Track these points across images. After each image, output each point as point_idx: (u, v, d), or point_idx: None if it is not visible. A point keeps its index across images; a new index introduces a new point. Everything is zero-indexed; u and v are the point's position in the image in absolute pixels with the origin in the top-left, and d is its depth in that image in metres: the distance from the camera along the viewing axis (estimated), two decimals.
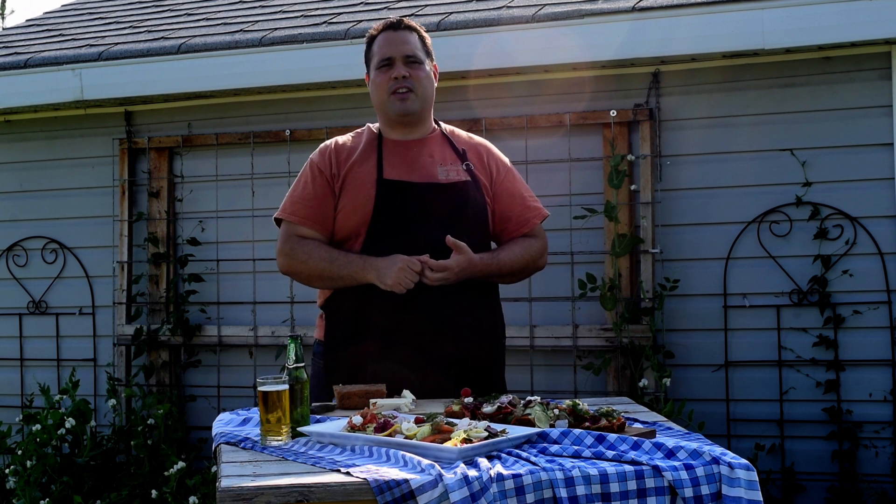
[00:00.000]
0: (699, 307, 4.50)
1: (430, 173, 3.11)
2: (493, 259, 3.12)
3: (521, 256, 3.18)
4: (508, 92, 4.77)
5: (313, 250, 3.08)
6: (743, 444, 4.38)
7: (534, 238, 3.24)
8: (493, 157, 3.25)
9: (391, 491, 2.04)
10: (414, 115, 3.13)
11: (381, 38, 3.17)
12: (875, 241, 4.28)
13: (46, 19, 6.49)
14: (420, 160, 3.13)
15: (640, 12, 4.31)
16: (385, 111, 3.15)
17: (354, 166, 3.11)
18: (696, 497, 2.14)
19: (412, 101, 3.10)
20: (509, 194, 3.22)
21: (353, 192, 3.08)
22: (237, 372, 5.17)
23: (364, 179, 3.09)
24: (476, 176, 3.15)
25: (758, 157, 4.44)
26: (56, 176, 5.56)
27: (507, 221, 3.21)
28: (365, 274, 3.00)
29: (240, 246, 5.21)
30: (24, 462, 4.88)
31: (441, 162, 3.14)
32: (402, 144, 3.15)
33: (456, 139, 3.23)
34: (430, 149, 3.16)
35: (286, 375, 2.49)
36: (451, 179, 3.11)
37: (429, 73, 3.17)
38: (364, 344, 3.06)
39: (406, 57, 3.12)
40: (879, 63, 4.27)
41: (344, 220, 3.09)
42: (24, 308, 5.60)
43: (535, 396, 2.67)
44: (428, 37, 3.23)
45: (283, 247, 3.14)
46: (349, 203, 3.08)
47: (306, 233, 3.12)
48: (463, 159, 3.17)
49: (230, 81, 4.98)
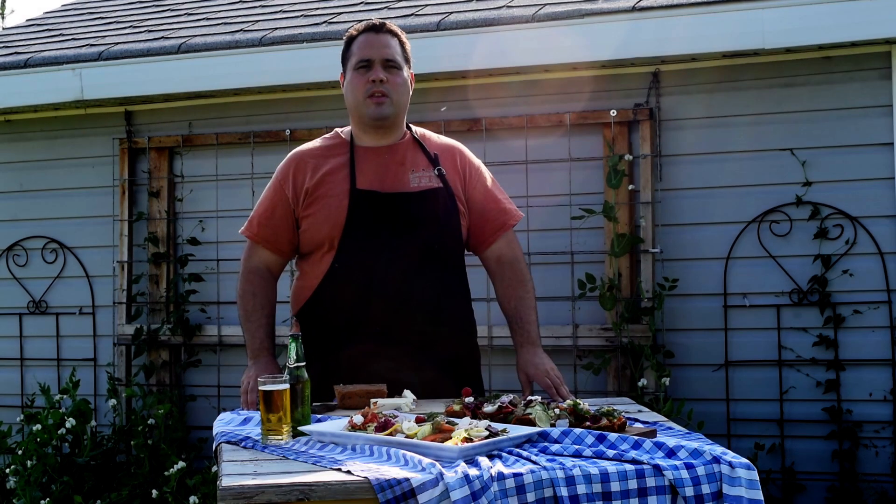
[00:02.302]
0: (699, 307, 4.51)
1: (402, 181, 3.08)
2: (531, 325, 3.15)
3: (530, 293, 3.20)
4: (508, 91, 4.77)
5: (246, 296, 3.22)
6: (743, 443, 4.38)
7: (515, 271, 3.20)
8: (465, 159, 3.20)
9: (392, 489, 2.04)
10: (387, 120, 3.08)
11: (362, 39, 3.11)
12: (875, 240, 4.28)
13: (46, 19, 6.49)
14: (391, 167, 3.09)
15: (640, 12, 4.31)
16: (359, 114, 3.10)
17: (327, 175, 3.09)
18: (696, 496, 2.14)
19: (387, 105, 3.05)
20: (483, 197, 3.18)
21: (325, 201, 3.06)
22: (237, 371, 5.15)
23: (336, 189, 3.06)
24: (448, 181, 3.12)
25: (758, 157, 4.44)
26: (56, 176, 5.56)
27: (482, 225, 3.18)
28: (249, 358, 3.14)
29: (240, 246, 5.07)
30: (24, 462, 4.88)
31: (413, 168, 3.10)
32: (373, 151, 3.12)
33: (428, 143, 3.19)
34: (401, 155, 3.12)
35: (287, 375, 2.50)
36: (422, 187, 3.08)
37: (406, 79, 3.12)
38: (340, 352, 3.06)
39: (385, 60, 3.07)
40: (879, 63, 4.27)
41: (315, 230, 3.07)
42: (24, 308, 5.60)
43: (535, 396, 2.67)
44: (408, 43, 3.18)
45: (242, 269, 3.26)
46: (321, 212, 3.06)
47: (263, 255, 3.20)
48: (435, 164, 3.13)
49: (230, 81, 4.98)
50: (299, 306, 3.17)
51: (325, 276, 3.07)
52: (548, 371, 3.07)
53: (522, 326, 3.16)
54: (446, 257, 3.10)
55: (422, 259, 3.04)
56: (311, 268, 3.12)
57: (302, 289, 3.15)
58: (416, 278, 3.04)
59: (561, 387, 3.04)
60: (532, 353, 3.12)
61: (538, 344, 3.15)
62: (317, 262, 3.10)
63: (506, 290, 3.20)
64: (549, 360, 3.11)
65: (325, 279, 3.07)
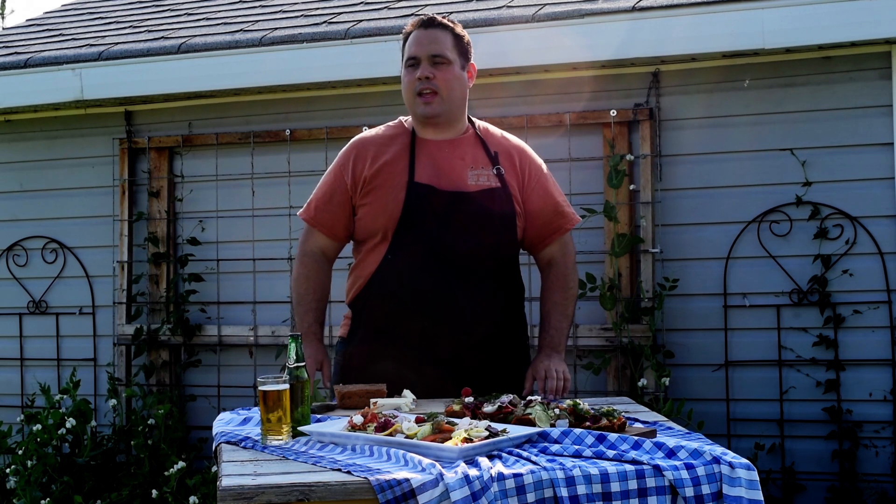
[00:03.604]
0: (699, 307, 4.50)
1: (460, 177, 3.07)
2: (558, 332, 3.15)
3: (568, 301, 3.22)
4: (508, 91, 4.77)
5: (299, 280, 3.19)
6: (743, 443, 4.38)
7: (561, 276, 3.21)
8: (526, 159, 3.20)
9: (392, 490, 2.04)
10: (438, 118, 3.08)
11: (412, 37, 3.11)
12: (875, 240, 4.28)
13: (46, 19, 6.49)
14: (451, 163, 3.09)
15: (640, 12, 4.31)
16: (412, 111, 3.12)
17: (387, 165, 3.08)
18: (696, 496, 2.14)
19: (437, 103, 3.05)
20: (541, 200, 3.18)
21: (383, 191, 3.06)
22: (237, 372, 5.17)
23: (395, 180, 3.06)
24: (506, 181, 3.11)
25: (758, 157, 4.44)
26: (56, 176, 5.56)
27: (539, 227, 3.18)
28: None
29: (240, 246, 5.21)
30: (24, 462, 4.88)
31: (472, 165, 3.09)
32: (434, 144, 3.11)
33: (490, 139, 3.18)
34: (461, 150, 3.12)
35: (287, 375, 2.50)
36: (480, 186, 3.07)
37: (459, 73, 3.08)
38: (383, 346, 3.06)
39: (432, 57, 3.05)
40: (879, 63, 4.27)
41: (371, 220, 3.08)
42: (24, 308, 5.60)
43: (535, 396, 2.67)
44: (466, 35, 3.15)
45: (298, 252, 3.23)
46: (378, 202, 3.06)
47: (319, 239, 3.18)
48: (494, 163, 3.12)
49: (230, 81, 4.98)
50: (354, 295, 3.16)
51: (378, 266, 3.07)
52: (549, 367, 3.06)
53: (549, 331, 3.17)
54: (500, 256, 3.09)
55: (476, 257, 3.04)
56: (366, 256, 3.12)
57: (357, 278, 3.15)
58: (469, 276, 3.03)
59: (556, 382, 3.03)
60: (547, 355, 3.12)
61: (559, 350, 3.14)
62: (371, 250, 3.10)
63: (547, 291, 3.23)
64: (561, 363, 3.10)
65: (379, 270, 3.07)
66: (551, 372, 3.06)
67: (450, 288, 3.02)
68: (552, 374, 3.05)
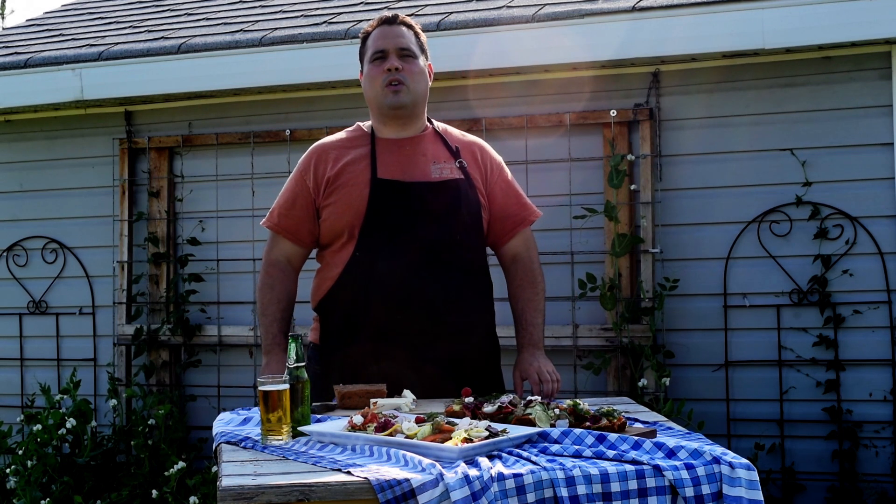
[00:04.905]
0: (699, 307, 4.51)
1: (424, 172, 3.09)
2: (535, 328, 3.17)
3: (539, 296, 3.21)
4: (508, 91, 4.77)
5: (263, 289, 3.16)
6: (743, 443, 4.38)
7: (528, 272, 3.22)
8: (486, 155, 3.23)
9: (392, 490, 2.04)
10: (406, 109, 3.10)
11: (376, 33, 3.15)
12: (875, 240, 4.28)
13: (46, 19, 6.49)
14: (413, 159, 3.10)
15: (640, 12, 4.31)
16: (378, 104, 3.12)
17: (349, 165, 3.09)
18: (696, 496, 2.14)
19: (405, 93, 3.07)
20: (504, 192, 3.21)
21: (347, 189, 3.06)
22: (237, 372, 5.17)
23: (357, 179, 3.07)
24: (469, 174, 3.13)
25: (758, 157, 4.44)
26: (56, 176, 5.56)
27: (503, 220, 3.20)
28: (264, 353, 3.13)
29: (240, 246, 5.21)
30: (24, 462, 4.88)
31: (434, 160, 3.11)
32: (394, 143, 3.13)
33: (449, 137, 3.21)
34: (423, 147, 3.14)
35: (287, 375, 2.50)
36: (444, 177, 3.09)
37: (422, 68, 3.14)
38: (359, 345, 3.06)
39: (400, 49, 3.10)
40: (879, 63, 4.27)
41: (336, 219, 3.07)
42: (24, 308, 5.60)
43: (535, 396, 2.67)
44: (423, 35, 3.21)
45: (263, 261, 3.21)
46: (342, 200, 3.06)
47: (284, 246, 3.17)
48: (456, 157, 3.14)
49: (230, 81, 4.98)
50: (320, 298, 3.15)
51: (345, 266, 3.06)
52: (540, 369, 3.06)
53: (526, 328, 3.17)
54: (468, 247, 3.09)
55: (444, 249, 3.04)
56: (332, 258, 3.11)
57: (323, 280, 3.14)
58: (438, 266, 3.03)
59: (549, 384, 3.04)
60: (531, 354, 3.13)
61: (540, 346, 3.15)
62: (337, 251, 3.10)
63: (516, 290, 3.23)
64: (548, 362, 3.11)
65: (346, 269, 3.06)
66: (544, 374, 3.06)
67: (419, 279, 3.01)
68: (545, 376, 3.06)
